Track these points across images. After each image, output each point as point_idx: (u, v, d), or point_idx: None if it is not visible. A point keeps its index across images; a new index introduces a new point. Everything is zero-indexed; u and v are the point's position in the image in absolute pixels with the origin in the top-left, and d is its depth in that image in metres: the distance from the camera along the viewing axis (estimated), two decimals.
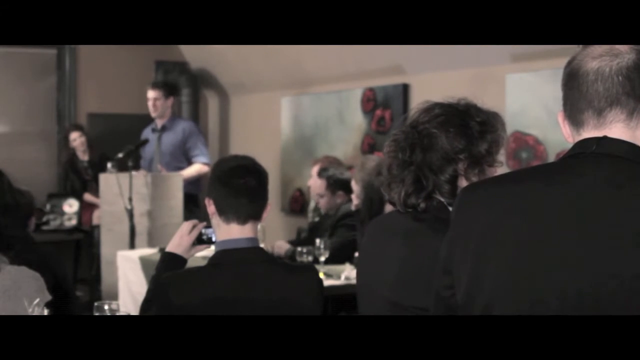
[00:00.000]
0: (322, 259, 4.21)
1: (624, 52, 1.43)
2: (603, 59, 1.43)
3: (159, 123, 6.41)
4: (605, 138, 1.41)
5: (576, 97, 1.46)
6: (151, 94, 6.33)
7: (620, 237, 1.32)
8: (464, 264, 1.46)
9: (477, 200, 1.50)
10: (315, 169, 5.06)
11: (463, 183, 1.87)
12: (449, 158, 1.87)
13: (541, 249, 1.38)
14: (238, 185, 2.42)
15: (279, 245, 4.63)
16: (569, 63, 1.49)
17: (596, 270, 1.33)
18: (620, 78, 1.41)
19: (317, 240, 4.25)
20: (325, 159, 5.46)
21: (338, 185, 4.81)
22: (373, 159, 4.43)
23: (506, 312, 1.39)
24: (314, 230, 4.88)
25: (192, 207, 6.04)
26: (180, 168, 6.28)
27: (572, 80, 1.47)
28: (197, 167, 6.28)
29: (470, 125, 1.89)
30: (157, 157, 6.33)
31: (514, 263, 1.40)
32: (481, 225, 1.46)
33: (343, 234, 4.54)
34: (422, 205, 1.89)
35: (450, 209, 1.87)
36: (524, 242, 1.39)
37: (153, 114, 6.39)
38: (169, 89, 6.44)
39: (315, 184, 4.93)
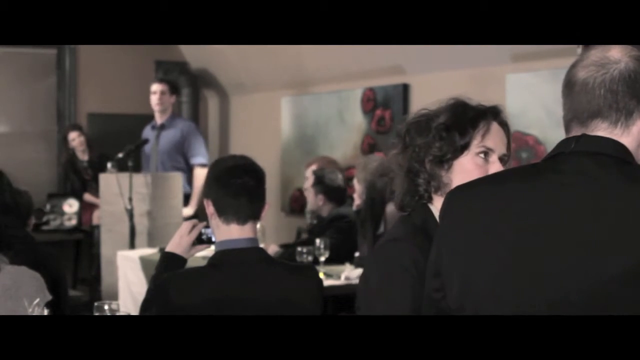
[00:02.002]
0: (322, 259, 4.21)
1: (612, 62, 1.45)
2: (590, 70, 1.46)
3: (159, 120, 6.39)
4: (583, 136, 1.44)
5: (567, 106, 1.50)
6: (158, 87, 6.31)
7: (604, 233, 1.33)
8: (453, 266, 1.47)
9: (463, 202, 1.51)
10: (309, 170, 5.08)
11: (442, 182, 1.86)
12: (418, 159, 1.88)
13: (527, 249, 1.39)
14: (236, 185, 2.42)
15: (271, 249, 4.62)
16: (568, 70, 1.52)
17: (583, 269, 1.33)
18: (602, 91, 1.44)
19: (317, 240, 4.25)
20: (323, 159, 5.46)
21: (322, 188, 4.82)
22: (375, 159, 4.43)
23: (496, 312, 1.39)
24: (313, 233, 4.88)
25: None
26: (177, 168, 6.26)
27: (565, 89, 1.51)
28: (199, 174, 6.18)
29: (432, 124, 1.88)
30: (154, 155, 6.33)
31: (502, 263, 1.41)
32: (468, 228, 1.47)
33: (331, 234, 4.54)
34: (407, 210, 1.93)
35: (431, 209, 1.88)
36: (510, 244, 1.40)
37: (157, 107, 6.32)
38: (173, 86, 6.45)
39: (308, 179, 4.98)
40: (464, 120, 1.87)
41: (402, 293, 1.77)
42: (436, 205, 1.87)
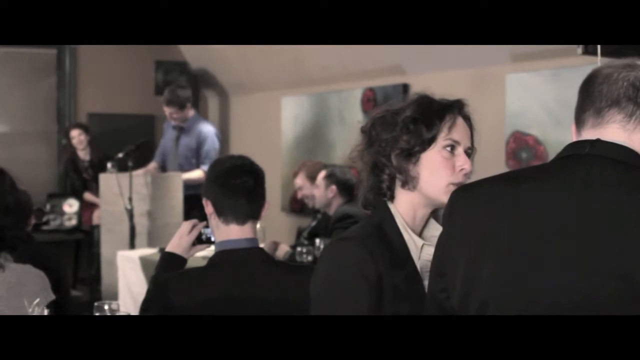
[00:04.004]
0: None
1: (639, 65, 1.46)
2: (616, 68, 1.48)
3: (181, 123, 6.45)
4: (598, 140, 1.44)
5: (583, 98, 1.50)
6: (167, 110, 6.36)
7: (615, 238, 1.33)
8: (458, 265, 1.47)
9: (470, 201, 1.51)
10: (300, 177, 5.06)
11: (410, 175, 1.85)
12: (384, 154, 1.88)
13: (536, 250, 1.38)
14: (235, 185, 2.42)
15: (281, 249, 4.62)
16: (591, 70, 1.52)
17: (591, 270, 1.33)
18: (625, 83, 1.45)
19: (317, 240, 4.25)
20: (308, 162, 5.44)
21: (333, 179, 4.81)
22: None
23: (500, 313, 1.39)
24: (317, 234, 4.87)
25: (195, 209, 6.03)
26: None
27: (585, 84, 1.51)
28: (199, 173, 6.23)
29: (398, 118, 1.87)
30: (173, 156, 6.37)
31: (509, 263, 1.40)
32: (475, 226, 1.46)
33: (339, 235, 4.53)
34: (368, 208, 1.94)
35: (390, 208, 1.87)
36: (519, 243, 1.40)
37: (175, 123, 6.42)
38: (183, 101, 6.37)
39: (302, 188, 4.99)
40: (430, 113, 1.87)
41: (341, 294, 1.78)
42: (399, 202, 1.88)
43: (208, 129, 6.55)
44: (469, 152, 1.90)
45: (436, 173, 1.84)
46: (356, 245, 1.80)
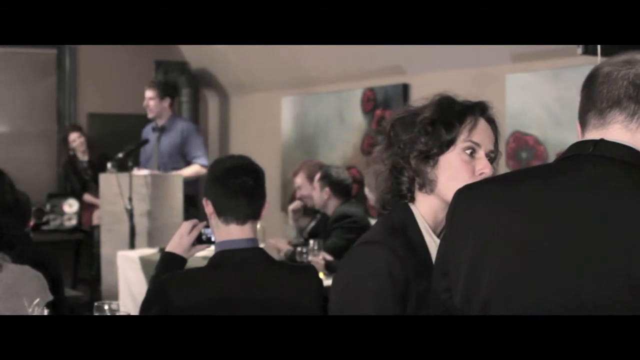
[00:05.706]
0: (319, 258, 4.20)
1: (639, 61, 1.45)
2: (616, 65, 1.46)
3: (159, 122, 6.42)
4: (602, 140, 1.43)
5: (585, 99, 1.49)
6: (147, 92, 6.33)
7: (619, 238, 1.33)
8: (461, 264, 1.47)
9: (474, 200, 1.50)
10: (299, 177, 5.03)
11: (428, 178, 1.82)
12: (403, 156, 1.84)
13: (539, 250, 1.38)
14: (235, 185, 2.42)
15: (281, 244, 4.61)
16: (593, 68, 1.51)
17: (594, 271, 1.33)
18: (625, 82, 1.44)
19: (311, 242, 4.23)
20: (309, 162, 5.43)
21: (327, 181, 4.79)
22: None
23: (503, 312, 1.39)
24: (316, 234, 4.86)
25: (190, 208, 6.04)
26: (178, 169, 6.27)
27: (587, 82, 1.50)
28: (196, 168, 6.26)
29: (417, 119, 1.83)
30: (155, 157, 6.34)
31: (511, 264, 1.40)
32: (479, 226, 1.46)
33: (339, 235, 4.53)
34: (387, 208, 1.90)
35: (412, 209, 1.84)
36: (522, 243, 1.40)
37: (149, 114, 6.39)
38: (165, 90, 6.40)
39: (301, 187, 4.97)
40: (450, 114, 1.82)
41: (366, 299, 1.73)
42: (419, 205, 1.84)
43: (189, 124, 6.64)
44: (492, 156, 1.85)
45: (454, 176, 1.79)
46: (383, 249, 1.75)
